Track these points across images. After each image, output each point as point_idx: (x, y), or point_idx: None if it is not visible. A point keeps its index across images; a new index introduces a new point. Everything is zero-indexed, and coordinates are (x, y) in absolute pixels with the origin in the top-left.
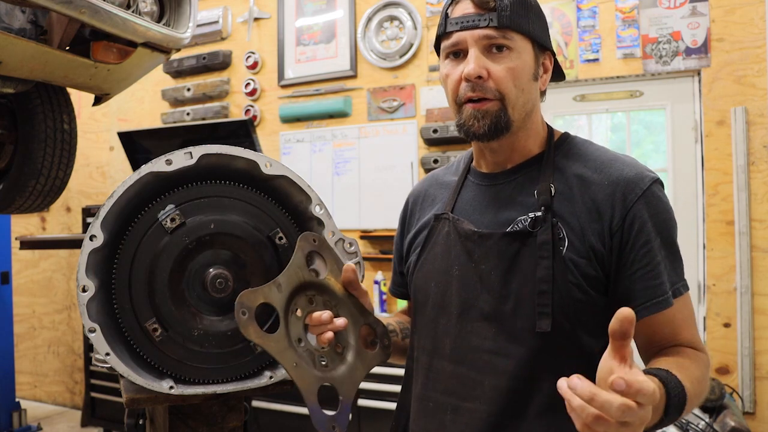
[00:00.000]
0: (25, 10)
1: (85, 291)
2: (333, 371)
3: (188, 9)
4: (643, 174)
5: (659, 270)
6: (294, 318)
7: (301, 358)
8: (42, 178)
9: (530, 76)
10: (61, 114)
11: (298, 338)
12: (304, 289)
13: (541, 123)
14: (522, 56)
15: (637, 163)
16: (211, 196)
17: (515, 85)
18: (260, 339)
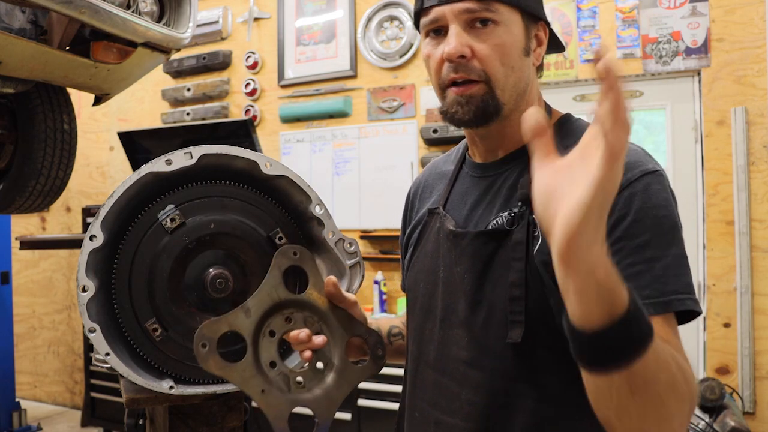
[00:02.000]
0: (25, 10)
1: (85, 291)
2: (309, 392)
3: (188, 9)
4: (638, 163)
5: (630, 274)
6: (266, 341)
7: (271, 384)
8: (42, 178)
9: (520, 51)
10: (61, 114)
11: (270, 362)
12: (281, 308)
13: (538, 103)
14: (510, 30)
15: (640, 152)
16: (211, 196)
17: (503, 64)
18: (222, 371)
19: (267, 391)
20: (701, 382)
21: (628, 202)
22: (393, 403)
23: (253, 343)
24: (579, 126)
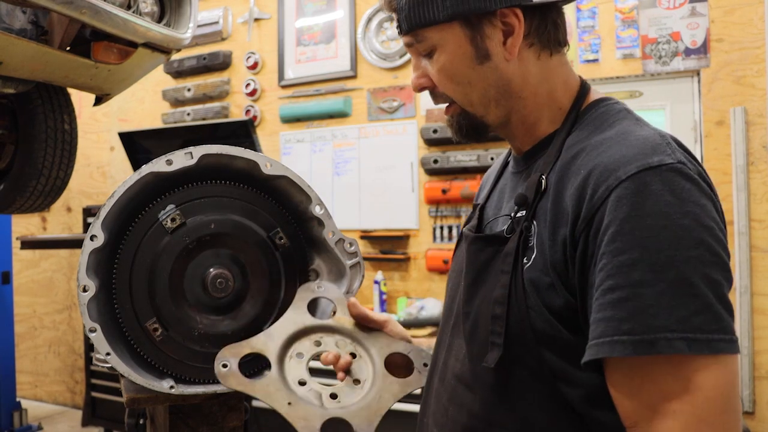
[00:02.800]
0: (25, 10)
1: (85, 291)
2: (346, 405)
3: (188, 9)
4: (634, 158)
5: (609, 302)
6: (294, 362)
7: (299, 398)
8: (43, 178)
9: (470, 62)
10: (62, 114)
11: (299, 380)
12: (308, 333)
13: (550, 93)
14: (446, 49)
15: (647, 142)
16: (212, 196)
17: (456, 83)
18: (244, 387)
19: (294, 403)
20: None
21: (613, 208)
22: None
23: (278, 362)
24: (602, 114)
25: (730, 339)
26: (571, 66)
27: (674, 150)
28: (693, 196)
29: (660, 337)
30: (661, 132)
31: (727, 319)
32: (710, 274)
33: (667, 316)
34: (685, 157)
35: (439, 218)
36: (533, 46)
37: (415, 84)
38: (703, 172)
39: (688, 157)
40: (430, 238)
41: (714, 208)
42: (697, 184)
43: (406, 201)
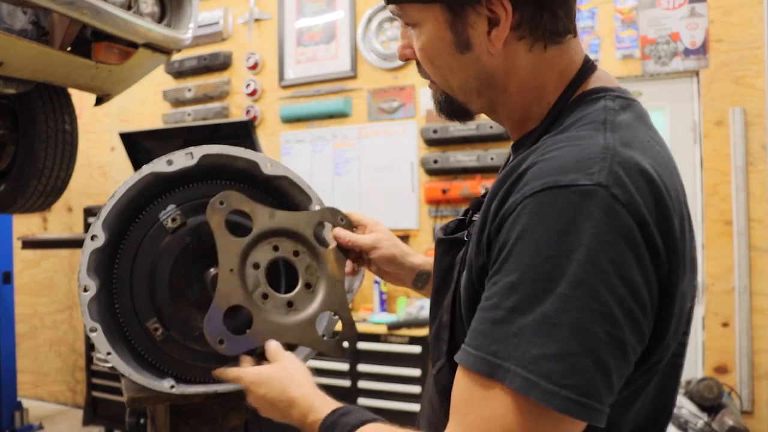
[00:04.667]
0: (26, 11)
1: (86, 291)
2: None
3: (189, 10)
4: (552, 172)
5: (491, 317)
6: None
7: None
8: (43, 179)
9: (448, 49)
10: (63, 114)
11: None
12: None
13: (540, 88)
14: (426, 29)
15: (579, 156)
16: (212, 196)
17: (435, 66)
18: (218, 231)
19: (234, 271)
20: (700, 381)
21: (511, 225)
22: (394, 402)
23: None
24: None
25: (576, 400)
26: (576, 51)
27: (605, 169)
28: (596, 228)
29: (506, 367)
30: (621, 143)
31: (589, 378)
32: (582, 320)
33: (524, 350)
34: (616, 181)
35: (439, 218)
36: (524, 39)
37: (399, 53)
38: (637, 203)
39: (628, 181)
40: (430, 238)
41: (629, 246)
42: (612, 215)
43: (406, 201)
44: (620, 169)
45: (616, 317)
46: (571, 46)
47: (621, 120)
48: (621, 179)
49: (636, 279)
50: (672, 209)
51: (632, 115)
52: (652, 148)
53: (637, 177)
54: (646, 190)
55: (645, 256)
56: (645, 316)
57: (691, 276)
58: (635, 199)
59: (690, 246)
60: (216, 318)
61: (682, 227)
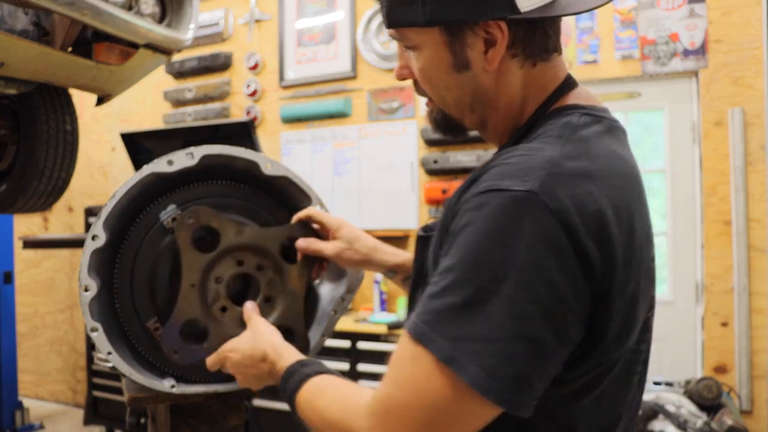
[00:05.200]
0: (27, 11)
1: (87, 290)
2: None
3: (189, 10)
4: (497, 176)
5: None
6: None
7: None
8: (44, 179)
9: (448, 69)
10: (63, 115)
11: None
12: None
13: (522, 103)
14: (424, 54)
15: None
16: (212, 196)
17: (433, 86)
18: (183, 246)
19: (195, 287)
20: (699, 381)
21: (458, 220)
22: None
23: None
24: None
25: (485, 377)
26: (560, 68)
27: (539, 178)
28: (519, 232)
29: (432, 337)
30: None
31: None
32: (499, 314)
33: (447, 326)
34: (547, 189)
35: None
36: (516, 57)
37: (397, 73)
38: (565, 211)
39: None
40: None
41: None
42: (537, 221)
43: (406, 201)
44: (555, 179)
45: (530, 315)
46: (556, 63)
47: (580, 134)
48: (552, 188)
49: (557, 281)
50: (611, 220)
51: (597, 130)
52: (609, 160)
53: (573, 187)
54: (582, 200)
55: (571, 261)
56: (568, 318)
57: (646, 285)
58: (564, 207)
59: (643, 256)
60: (172, 331)
61: (629, 237)
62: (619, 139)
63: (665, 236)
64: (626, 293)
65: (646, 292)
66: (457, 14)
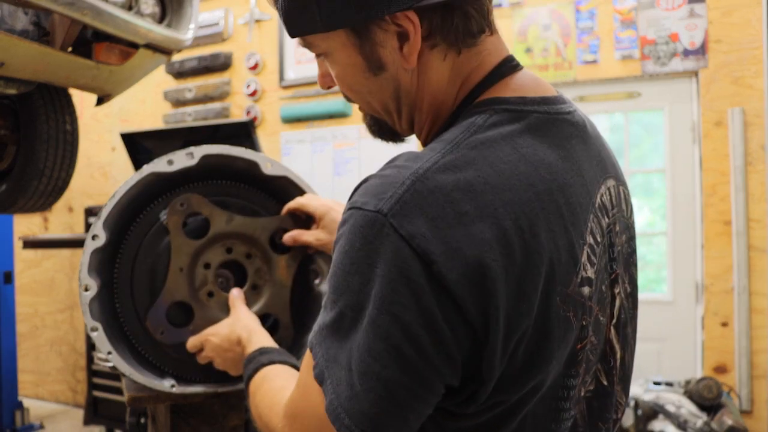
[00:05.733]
0: (27, 11)
1: (87, 290)
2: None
3: (189, 10)
4: (359, 194)
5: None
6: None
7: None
8: (44, 179)
9: (363, 73)
10: (63, 115)
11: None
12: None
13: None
14: (336, 58)
15: (384, 181)
16: (213, 196)
17: (355, 92)
18: (174, 231)
19: (184, 271)
20: (699, 381)
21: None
22: None
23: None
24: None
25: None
26: (490, 52)
27: (395, 196)
28: (373, 257)
29: (316, 350)
30: (444, 167)
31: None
32: (347, 342)
33: (324, 345)
34: (401, 210)
35: None
36: (437, 47)
37: (320, 83)
38: (420, 236)
39: (417, 212)
40: None
41: (405, 288)
42: (389, 248)
43: None
44: (414, 198)
45: (380, 353)
46: (486, 47)
47: (477, 138)
48: (407, 209)
49: (408, 320)
50: (491, 245)
51: (507, 130)
52: (509, 169)
53: (437, 207)
54: (446, 223)
55: (426, 298)
56: (423, 359)
57: (571, 315)
58: (418, 233)
59: (558, 282)
60: (159, 311)
61: (528, 263)
62: (549, 139)
63: (665, 236)
64: (518, 330)
65: (568, 321)
66: (358, 13)
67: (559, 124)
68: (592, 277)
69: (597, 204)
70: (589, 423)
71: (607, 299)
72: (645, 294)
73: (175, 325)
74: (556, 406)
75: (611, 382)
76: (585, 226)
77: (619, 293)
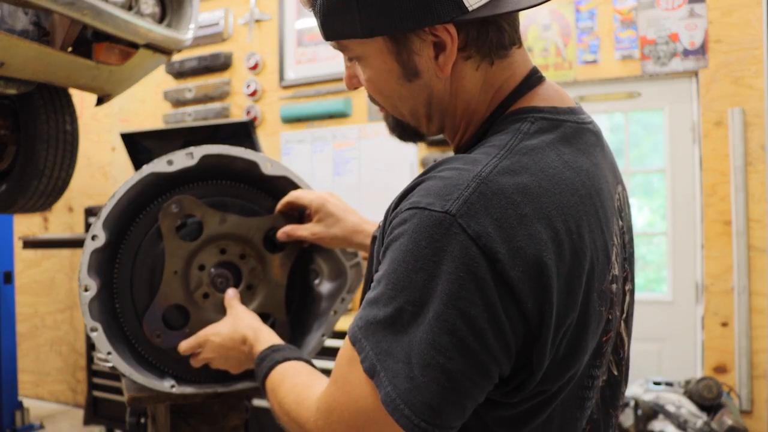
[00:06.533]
0: (27, 11)
1: (87, 290)
2: None
3: (189, 10)
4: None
5: (366, 300)
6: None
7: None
8: (44, 179)
9: (398, 79)
10: (63, 115)
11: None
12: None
13: (479, 106)
14: (371, 63)
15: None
16: (212, 196)
17: (385, 96)
18: (167, 234)
19: (178, 274)
20: (699, 381)
21: (390, 232)
22: None
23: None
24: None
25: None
26: (519, 63)
27: (461, 198)
28: (437, 256)
29: (364, 344)
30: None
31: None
32: (413, 337)
33: (377, 337)
34: (469, 211)
35: None
36: (471, 59)
37: (347, 83)
38: (487, 236)
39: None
40: None
41: (472, 284)
42: (456, 246)
43: None
44: (480, 199)
45: (445, 346)
46: (515, 59)
47: (525, 144)
48: (474, 209)
49: (474, 314)
50: (548, 246)
51: (549, 138)
52: (557, 174)
53: (501, 209)
54: (510, 224)
55: (491, 293)
56: (487, 352)
57: (601, 309)
58: (486, 232)
59: (596, 280)
60: (155, 315)
61: (575, 263)
62: (581, 147)
63: (665, 236)
64: (565, 323)
65: (600, 315)
66: (400, 22)
67: (585, 134)
68: (618, 274)
69: (617, 207)
70: (603, 410)
71: (620, 295)
72: (645, 294)
73: (173, 328)
74: (581, 395)
75: (620, 372)
76: (613, 229)
77: (629, 290)
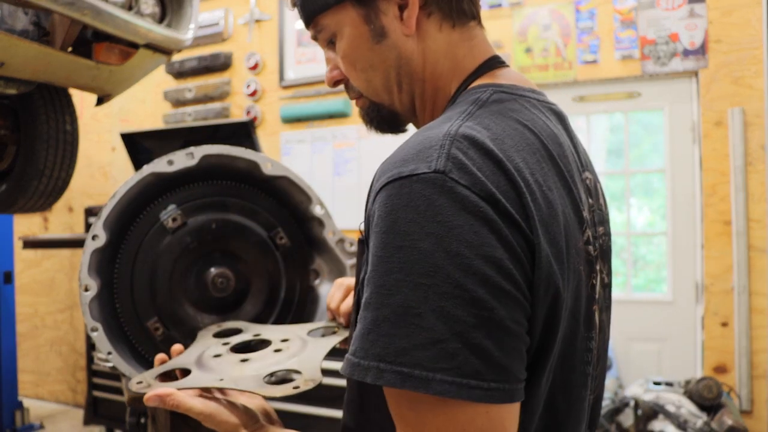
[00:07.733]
0: (27, 11)
1: (87, 290)
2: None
3: (189, 10)
4: (396, 164)
5: (360, 316)
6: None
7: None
8: (44, 179)
9: (367, 44)
10: (63, 115)
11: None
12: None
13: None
14: (344, 32)
15: (421, 146)
16: (213, 196)
17: (359, 69)
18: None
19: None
20: (699, 381)
21: (372, 219)
22: None
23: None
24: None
25: (452, 381)
26: (482, 44)
27: (443, 155)
28: (441, 215)
29: (372, 366)
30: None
31: (462, 361)
32: (445, 307)
33: (385, 344)
34: (455, 165)
35: None
36: (433, 16)
37: (327, 78)
38: (481, 182)
39: (468, 163)
40: None
41: (484, 224)
42: (456, 199)
43: None
44: (459, 153)
45: (481, 299)
46: (476, 34)
47: (486, 109)
48: (460, 162)
49: (498, 255)
50: (525, 191)
51: (509, 106)
52: (517, 133)
53: (480, 158)
54: (493, 169)
55: (504, 230)
56: (519, 289)
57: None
58: (479, 179)
59: (571, 237)
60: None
61: (551, 213)
62: (542, 117)
63: (665, 236)
64: (555, 274)
65: (580, 274)
66: None
67: (547, 111)
68: (591, 238)
69: (585, 184)
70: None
71: (597, 261)
72: (645, 294)
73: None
74: (584, 371)
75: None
76: (580, 198)
77: (596, 277)
